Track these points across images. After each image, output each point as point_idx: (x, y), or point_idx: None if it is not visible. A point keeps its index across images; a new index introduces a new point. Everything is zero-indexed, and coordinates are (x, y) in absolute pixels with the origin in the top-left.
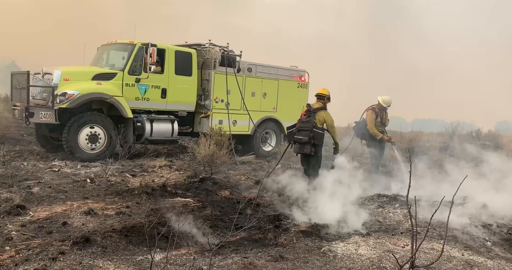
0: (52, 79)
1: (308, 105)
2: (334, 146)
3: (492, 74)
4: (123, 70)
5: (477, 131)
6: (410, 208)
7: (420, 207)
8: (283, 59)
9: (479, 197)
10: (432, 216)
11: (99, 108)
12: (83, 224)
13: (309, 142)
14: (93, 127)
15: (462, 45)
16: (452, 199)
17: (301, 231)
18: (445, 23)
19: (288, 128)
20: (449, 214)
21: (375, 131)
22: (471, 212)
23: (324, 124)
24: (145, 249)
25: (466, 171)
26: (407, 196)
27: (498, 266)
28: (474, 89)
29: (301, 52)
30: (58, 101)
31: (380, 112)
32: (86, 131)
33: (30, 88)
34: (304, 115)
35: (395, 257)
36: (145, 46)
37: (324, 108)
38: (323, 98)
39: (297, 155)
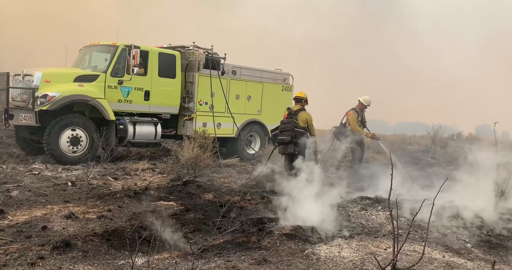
0: (33, 81)
1: (289, 108)
2: (314, 146)
3: (473, 78)
4: (105, 72)
5: (458, 134)
6: (392, 211)
7: (402, 209)
8: (270, 62)
9: (459, 199)
10: (413, 218)
11: (81, 110)
12: (63, 228)
13: (292, 141)
14: (75, 130)
15: (445, 49)
16: (433, 202)
17: (285, 234)
18: (429, 27)
19: (272, 130)
20: (430, 216)
21: (359, 128)
22: (452, 214)
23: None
24: (127, 253)
25: (447, 174)
26: (388, 198)
27: (478, 268)
28: (455, 92)
29: (286, 55)
30: (38, 103)
31: (360, 112)
32: (67, 134)
33: (10, 89)
34: (286, 117)
35: (376, 259)
36: (128, 48)
37: (303, 109)
38: (300, 101)
39: (282, 155)
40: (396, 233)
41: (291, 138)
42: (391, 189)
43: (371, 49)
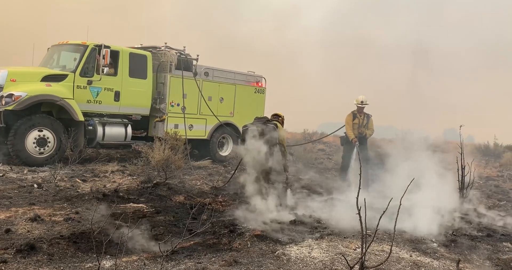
0: None
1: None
2: (283, 164)
3: (442, 82)
4: (74, 71)
5: (426, 137)
6: (360, 211)
7: (373, 210)
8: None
9: (425, 200)
10: (380, 218)
11: (48, 111)
12: (28, 231)
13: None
14: (42, 131)
15: (412, 52)
16: (400, 202)
17: (256, 235)
18: (399, 29)
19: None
20: (397, 216)
21: (349, 131)
22: (418, 214)
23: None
24: (94, 256)
25: (414, 175)
26: (357, 198)
27: (443, 266)
28: (425, 97)
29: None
30: (3, 102)
31: (359, 114)
32: (34, 135)
33: None
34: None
35: (345, 258)
36: (98, 48)
37: (278, 121)
38: (276, 118)
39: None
40: (364, 232)
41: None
42: (359, 188)
43: (345, 51)
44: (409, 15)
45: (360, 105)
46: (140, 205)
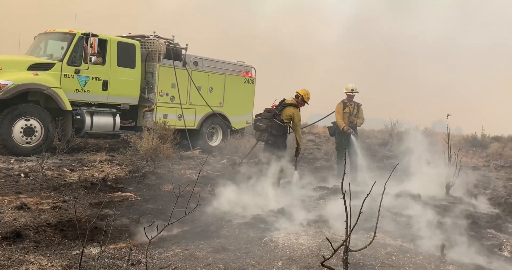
0: None
1: (284, 99)
2: (296, 146)
3: (429, 75)
4: (61, 60)
5: (415, 128)
6: (344, 194)
7: (360, 198)
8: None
9: (413, 189)
10: (364, 199)
11: (35, 100)
12: (14, 219)
13: (267, 130)
14: (29, 120)
15: (404, 46)
16: (384, 186)
17: (244, 222)
18: (388, 24)
19: (256, 116)
20: (381, 200)
21: (339, 120)
22: (406, 202)
23: (291, 122)
24: (81, 243)
25: (400, 162)
26: (341, 183)
27: (429, 252)
28: (413, 89)
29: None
30: None
31: (349, 103)
32: (20, 124)
33: None
34: (275, 106)
35: (329, 241)
36: (86, 36)
37: (295, 106)
38: (297, 97)
39: (258, 142)
40: (349, 213)
41: (266, 126)
42: (344, 173)
43: (338, 46)
44: (404, 11)
45: (351, 93)
46: (128, 194)
